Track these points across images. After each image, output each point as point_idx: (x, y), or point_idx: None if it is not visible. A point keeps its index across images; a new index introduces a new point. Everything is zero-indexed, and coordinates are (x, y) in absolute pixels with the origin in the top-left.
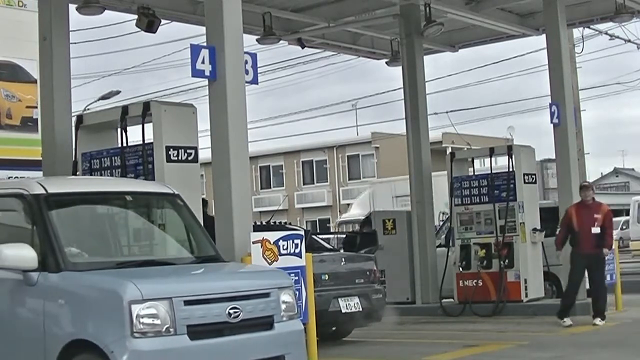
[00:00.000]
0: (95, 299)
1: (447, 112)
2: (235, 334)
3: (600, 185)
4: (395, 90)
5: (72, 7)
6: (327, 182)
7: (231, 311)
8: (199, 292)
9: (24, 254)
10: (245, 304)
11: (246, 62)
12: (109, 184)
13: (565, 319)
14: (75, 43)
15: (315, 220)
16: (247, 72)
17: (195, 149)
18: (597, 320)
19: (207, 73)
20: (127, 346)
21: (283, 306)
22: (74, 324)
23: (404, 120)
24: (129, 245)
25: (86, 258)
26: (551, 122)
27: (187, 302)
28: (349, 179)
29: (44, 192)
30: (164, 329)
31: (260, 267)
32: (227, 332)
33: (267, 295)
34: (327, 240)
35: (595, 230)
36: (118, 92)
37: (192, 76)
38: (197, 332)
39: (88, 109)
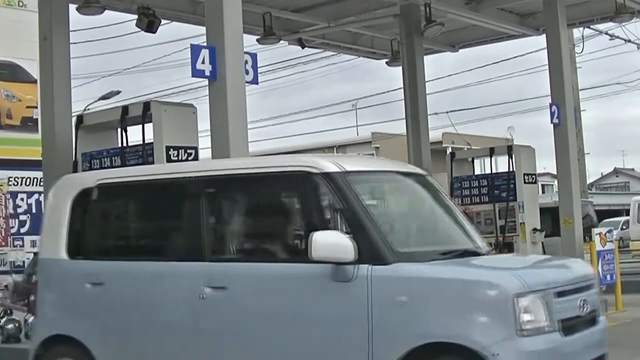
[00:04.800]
0: (459, 294)
1: (447, 112)
2: (583, 330)
3: (600, 185)
4: (395, 90)
5: (72, 7)
6: None
7: (582, 303)
8: (564, 283)
9: (341, 243)
10: (587, 295)
11: (246, 62)
12: (386, 163)
13: None
14: (75, 43)
15: None
16: (247, 72)
17: (196, 149)
18: None
19: (207, 73)
20: (514, 348)
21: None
22: (425, 324)
23: (404, 120)
24: (427, 231)
25: (408, 247)
26: (551, 122)
27: (558, 294)
28: None
29: (340, 169)
30: (542, 325)
31: (553, 257)
32: (580, 327)
33: (592, 286)
34: None
35: None
36: (118, 92)
37: (193, 76)
38: (566, 327)
39: (88, 109)
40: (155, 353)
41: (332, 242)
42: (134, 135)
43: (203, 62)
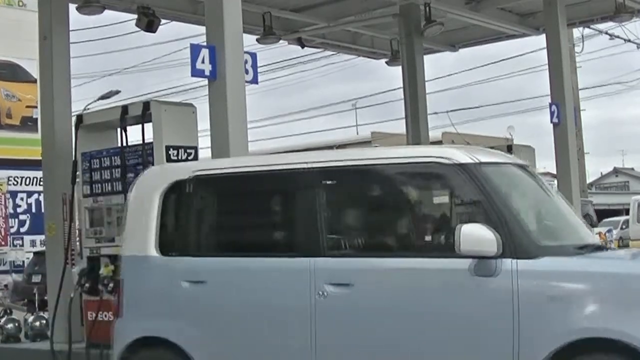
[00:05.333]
0: (618, 288)
1: (447, 112)
2: None
3: (600, 184)
4: (395, 90)
5: (72, 7)
6: None
7: None
8: None
9: (487, 236)
10: None
11: (246, 61)
12: (500, 155)
13: None
14: (75, 42)
15: None
16: (247, 72)
17: (195, 148)
18: None
19: (207, 73)
20: None
21: None
22: (581, 320)
23: (404, 120)
24: (554, 223)
25: (549, 240)
26: (551, 121)
27: None
28: None
29: (474, 160)
30: None
31: None
32: None
33: None
34: None
35: None
36: (118, 92)
37: (192, 76)
38: None
39: (88, 109)
40: (266, 355)
41: (478, 235)
42: (134, 134)
43: (203, 62)
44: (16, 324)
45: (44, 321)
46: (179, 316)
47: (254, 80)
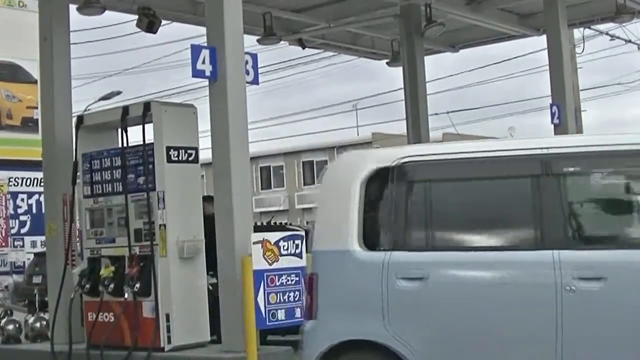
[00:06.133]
0: None
1: (447, 113)
2: None
3: None
4: (396, 90)
5: (73, 8)
6: None
7: None
8: None
9: None
10: None
11: (247, 62)
12: None
13: None
14: (75, 43)
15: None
16: (247, 73)
17: (196, 149)
18: None
19: (207, 73)
20: None
21: None
22: None
23: (405, 121)
24: None
25: None
26: (552, 122)
27: None
28: None
29: None
30: None
31: None
32: None
33: None
34: None
35: None
36: (119, 93)
37: (193, 76)
38: None
39: (89, 109)
40: (501, 356)
41: None
42: (135, 135)
43: (203, 63)
44: (17, 325)
45: (45, 322)
46: (393, 316)
47: (255, 81)
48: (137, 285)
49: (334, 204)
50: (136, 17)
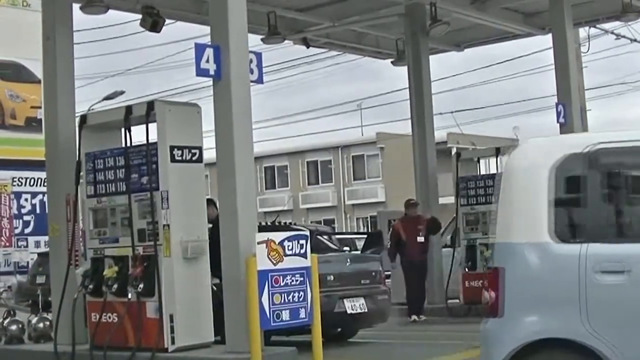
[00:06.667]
0: None
1: (451, 112)
2: None
3: None
4: (400, 90)
5: (76, 7)
6: (332, 182)
7: None
8: None
9: None
10: None
11: (251, 61)
12: None
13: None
14: (78, 43)
15: (320, 221)
16: (251, 72)
17: (200, 148)
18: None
19: (211, 72)
20: None
21: None
22: None
23: (409, 120)
24: None
25: None
26: (557, 121)
27: None
28: (354, 180)
29: None
30: None
31: None
32: None
33: None
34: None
35: (420, 239)
36: (122, 92)
37: (197, 75)
38: None
39: (92, 109)
40: None
41: None
42: (138, 135)
43: (207, 61)
44: (20, 325)
45: (48, 322)
46: (592, 313)
47: (259, 80)
48: (141, 285)
49: (520, 193)
50: (140, 16)
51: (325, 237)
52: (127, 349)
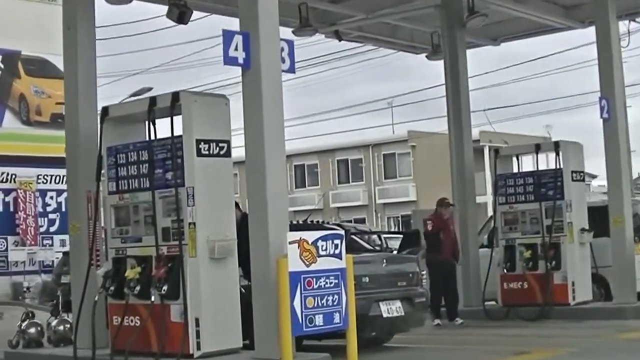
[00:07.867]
0: None
1: (484, 110)
2: None
3: (638, 185)
4: (431, 87)
5: None
6: (362, 181)
7: None
8: None
9: None
10: None
11: (282, 49)
12: None
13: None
14: (101, 39)
15: (351, 220)
16: (283, 60)
17: (228, 142)
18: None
19: (240, 61)
20: None
21: None
22: None
23: (444, 117)
24: None
25: None
26: (601, 116)
27: None
28: (385, 178)
29: None
30: None
31: None
32: None
33: None
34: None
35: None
36: (150, 89)
37: (225, 64)
38: None
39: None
40: None
41: None
42: (163, 128)
43: (236, 49)
44: (38, 328)
45: (68, 325)
46: None
47: (291, 69)
48: (165, 287)
49: None
50: (166, 7)
51: (359, 236)
52: (149, 354)
